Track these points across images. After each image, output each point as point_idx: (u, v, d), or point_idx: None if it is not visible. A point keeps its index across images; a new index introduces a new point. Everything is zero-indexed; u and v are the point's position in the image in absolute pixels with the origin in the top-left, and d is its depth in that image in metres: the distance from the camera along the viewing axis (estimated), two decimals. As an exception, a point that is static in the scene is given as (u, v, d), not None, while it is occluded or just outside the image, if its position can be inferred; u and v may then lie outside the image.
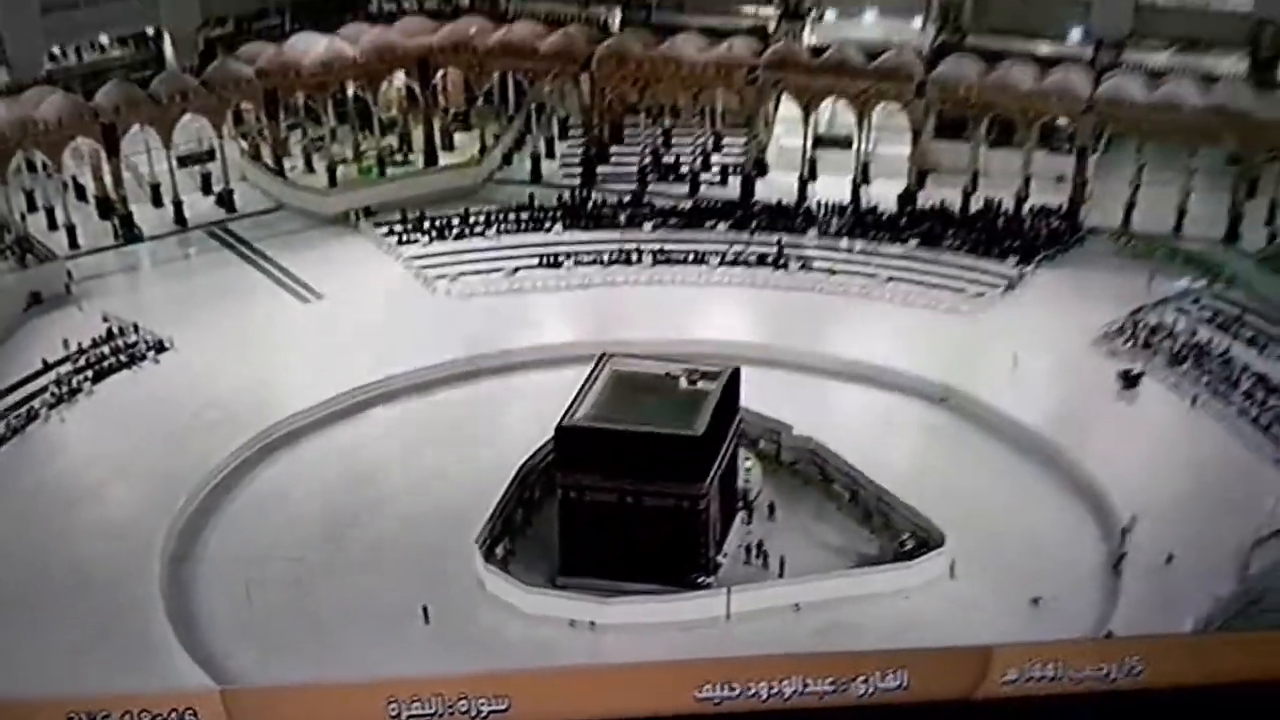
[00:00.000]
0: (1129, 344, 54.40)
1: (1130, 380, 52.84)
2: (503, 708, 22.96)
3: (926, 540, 44.88)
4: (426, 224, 63.24)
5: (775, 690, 23.17)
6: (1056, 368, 54.13)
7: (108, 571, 43.42)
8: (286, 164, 67.05)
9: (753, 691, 23.12)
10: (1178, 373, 52.74)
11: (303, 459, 50.37)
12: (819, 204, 64.16)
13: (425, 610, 42.64)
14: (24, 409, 51.11)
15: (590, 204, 65.06)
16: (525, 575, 44.05)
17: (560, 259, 61.19)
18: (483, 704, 22.94)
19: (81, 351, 53.96)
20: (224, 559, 45.63)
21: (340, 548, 46.02)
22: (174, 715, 22.85)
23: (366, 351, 54.88)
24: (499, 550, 45.14)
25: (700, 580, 43.76)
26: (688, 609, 42.97)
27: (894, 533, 45.80)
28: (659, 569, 43.37)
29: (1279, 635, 31.31)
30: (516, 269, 60.72)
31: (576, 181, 66.95)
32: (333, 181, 66.51)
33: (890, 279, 59.48)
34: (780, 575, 44.52)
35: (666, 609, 42.88)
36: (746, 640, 41.76)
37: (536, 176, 67.81)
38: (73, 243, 61.38)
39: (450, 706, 22.93)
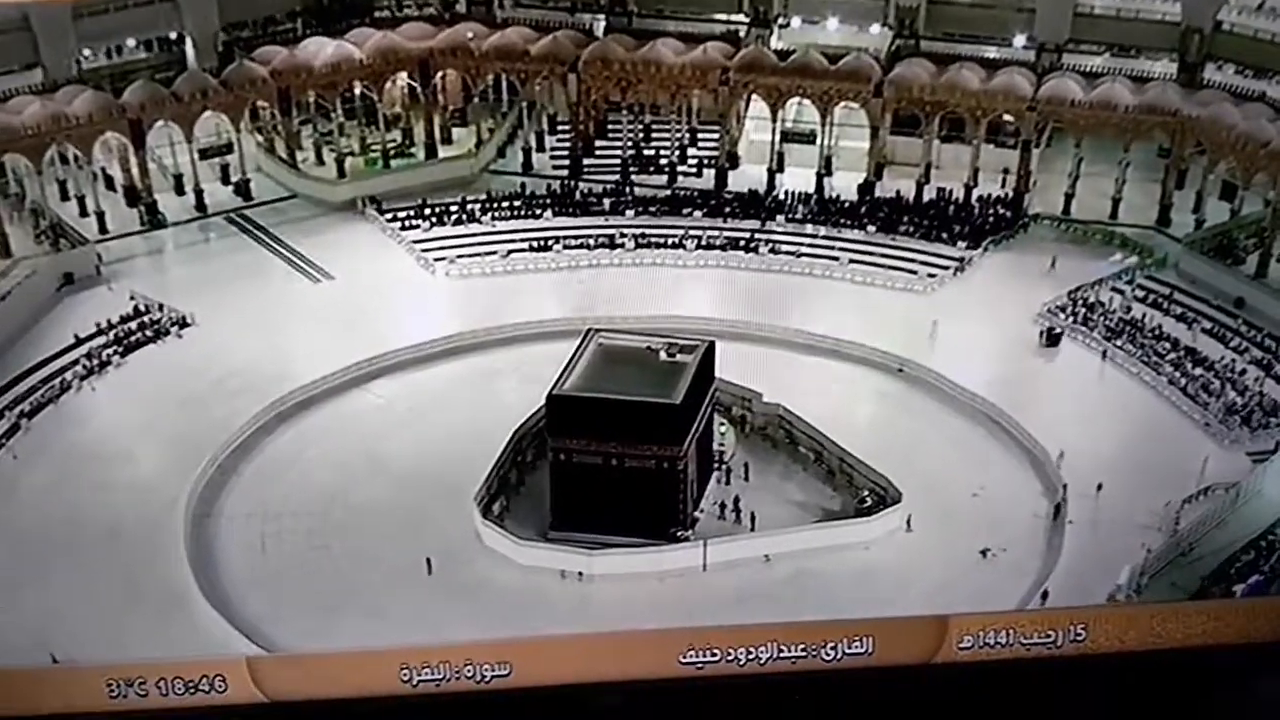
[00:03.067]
0: (1069, 320, 53.47)
1: (1052, 338, 52.44)
2: (504, 673, 22.68)
3: (884, 496, 44.36)
4: (427, 211, 61.98)
5: (752, 655, 22.95)
6: (1001, 342, 53.25)
7: (137, 525, 42.89)
8: (299, 156, 65.83)
9: (731, 657, 22.83)
10: (1113, 345, 51.83)
11: (314, 425, 49.34)
12: (786, 193, 63.17)
13: (429, 561, 42.01)
14: (57, 380, 49.97)
15: (577, 193, 63.91)
16: (519, 530, 43.46)
17: (550, 243, 60.04)
18: (486, 669, 22.73)
19: (111, 327, 52.93)
20: (242, 515, 44.81)
21: (348, 505, 45.13)
22: (204, 681, 22.68)
23: (372, 327, 53.95)
24: (495, 507, 44.50)
25: (679, 534, 43.24)
26: (668, 560, 42.49)
27: (855, 490, 45.31)
28: (641, 524, 42.88)
29: (1200, 605, 31.83)
30: (510, 252, 59.51)
31: (564, 172, 65.78)
32: (341, 172, 65.34)
33: (851, 261, 58.56)
34: (752, 529, 43.98)
35: (648, 560, 42.40)
36: (721, 588, 41.37)
37: (528, 168, 66.61)
38: (102, 228, 60.08)
39: (457, 671, 22.62)
